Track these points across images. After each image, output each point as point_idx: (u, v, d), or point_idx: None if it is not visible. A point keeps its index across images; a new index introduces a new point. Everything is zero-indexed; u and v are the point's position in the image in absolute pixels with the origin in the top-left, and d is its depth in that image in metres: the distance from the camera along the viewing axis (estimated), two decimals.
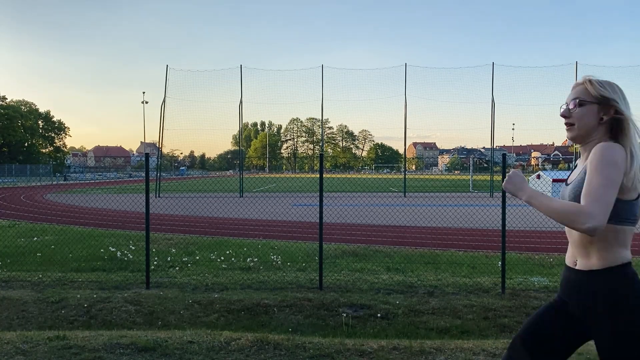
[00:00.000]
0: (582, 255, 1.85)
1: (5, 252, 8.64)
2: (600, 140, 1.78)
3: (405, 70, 30.83)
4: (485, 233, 11.22)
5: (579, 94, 1.83)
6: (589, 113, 1.80)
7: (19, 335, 4.18)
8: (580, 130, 1.83)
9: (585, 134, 1.83)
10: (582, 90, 1.84)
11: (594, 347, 1.86)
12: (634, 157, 1.71)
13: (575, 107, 1.83)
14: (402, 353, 3.81)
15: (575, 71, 29.63)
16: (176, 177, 68.22)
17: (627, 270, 1.75)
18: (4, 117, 61.03)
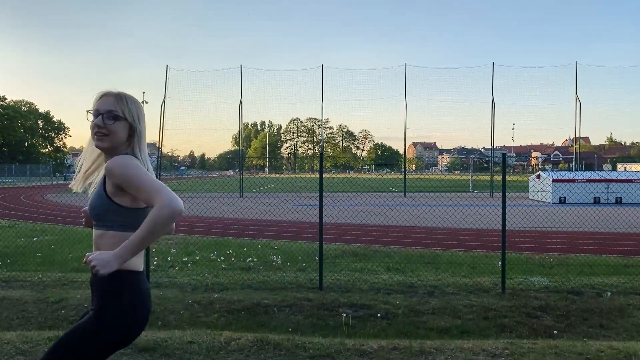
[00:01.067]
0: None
1: (5, 252, 8.64)
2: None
3: (405, 70, 30.88)
4: (485, 233, 11.22)
5: (116, 108, 1.92)
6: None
7: (19, 335, 4.18)
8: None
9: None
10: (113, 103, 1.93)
11: (593, 348, 1.86)
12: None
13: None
14: (402, 353, 3.81)
15: (575, 71, 29.65)
16: (176, 177, 68.23)
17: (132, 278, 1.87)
18: (4, 117, 61.06)
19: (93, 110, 1.91)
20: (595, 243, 10.01)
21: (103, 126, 1.87)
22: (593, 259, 8.18)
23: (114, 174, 1.80)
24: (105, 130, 1.88)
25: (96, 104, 1.91)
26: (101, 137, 1.88)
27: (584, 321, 5.11)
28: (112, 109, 1.89)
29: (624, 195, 21.93)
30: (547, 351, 3.80)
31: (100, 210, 1.86)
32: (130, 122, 1.92)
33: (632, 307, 5.41)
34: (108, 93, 1.93)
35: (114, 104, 1.90)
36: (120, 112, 1.90)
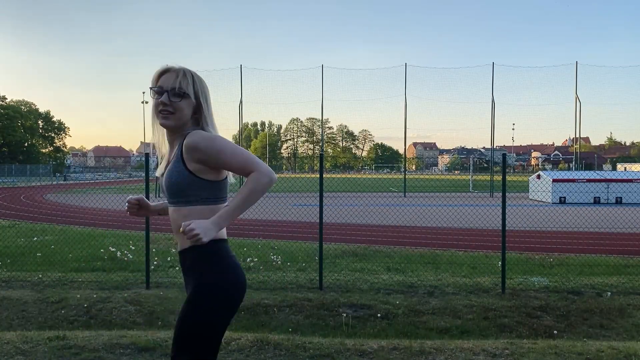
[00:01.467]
0: (182, 237, 1.86)
1: (5, 252, 8.63)
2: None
3: (405, 70, 30.89)
4: (485, 233, 11.22)
5: (180, 85, 1.85)
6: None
7: (19, 335, 4.18)
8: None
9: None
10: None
11: (593, 348, 1.86)
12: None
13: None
14: (402, 353, 3.81)
15: (575, 71, 29.66)
16: None
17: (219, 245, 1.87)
18: (4, 117, 61.03)
19: (155, 87, 1.84)
20: (595, 243, 10.01)
21: (169, 104, 1.81)
22: (593, 259, 8.17)
23: (199, 149, 1.77)
24: (171, 108, 1.81)
25: (159, 81, 1.84)
26: (167, 115, 1.82)
27: (584, 321, 5.11)
28: (178, 86, 1.81)
29: (624, 195, 21.92)
30: (547, 351, 3.80)
31: (183, 186, 1.81)
32: (196, 98, 1.86)
33: (632, 307, 5.41)
34: (170, 69, 1.85)
35: (178, 80, 1.82)
36: (185, 88, 1.82)
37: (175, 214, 1.86)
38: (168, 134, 1.91)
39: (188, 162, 1.80)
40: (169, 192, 1.85)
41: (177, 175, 1.81)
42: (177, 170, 1.81)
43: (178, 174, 1.81)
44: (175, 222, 1.87)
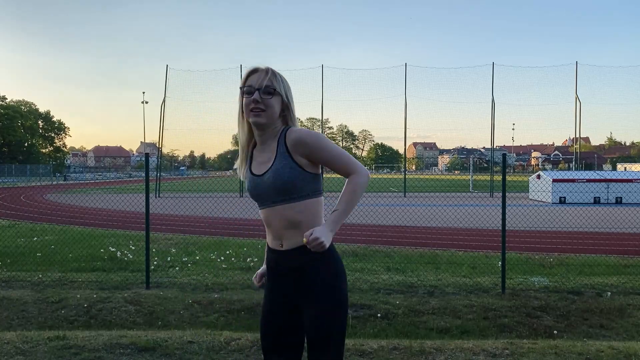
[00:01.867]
0: (293, 235, 1.88)
1: (5, 252, 8.63)
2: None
3: (405, 70, 30.87)
4: (485, 233, 11.22)
5: (269, 83, 1.88)
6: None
7: (19, 335, 4.18)
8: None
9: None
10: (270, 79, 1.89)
11: (593, 348, 1.85)
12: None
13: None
14: (402, 353, 3.81)
15: (575, 71, 29.65)
16: (176, 177, 68.21)
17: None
18: (4, 117, 61.03)
19: (245, 87, 1.88)
20: (595, 243, 10.01)
21: (260, 101, 1.84)
22: (593, 259, 8.17)
23: (307, 143, 1.82)
24: (263, 105, 1.85)
25: (248, 80, 1.88)
26: (258, 113, 1.85)
27: (584, 321, 5.11)
28: (268, 84, 1.86)
29: (624, 195, 21.92)
30: (547, 351, 3.80)
31: (297, 182, 1.83)
32: (283, 97, 1.90)
33: (632, 307, 5.41)
34: (258, 69, 1.90)
35: (268, 79, 1.86)
36: (274, 86, 1.87)
37: (286, 211, 1.84)
38: (257, 133, 1.92)
39: (295, 157, 1.84)
40: (280, 190, 1.84)
41: (289, 171, 1.83)
42: (289, 166, 1.84)
43: (290, 169, 1.83)
44: (284, 219, 1.86)
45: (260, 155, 1.94)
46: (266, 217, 1.91)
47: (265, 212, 1.90)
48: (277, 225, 1.88)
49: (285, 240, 1.88)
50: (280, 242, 1.89)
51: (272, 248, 1.94)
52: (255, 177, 1.91)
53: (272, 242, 1.94)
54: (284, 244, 1.89)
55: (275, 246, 1.91)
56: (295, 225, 1.85)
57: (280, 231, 1.88)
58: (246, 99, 1.87)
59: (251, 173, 1.94)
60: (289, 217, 1.85)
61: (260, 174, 1.89)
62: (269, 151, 1.90)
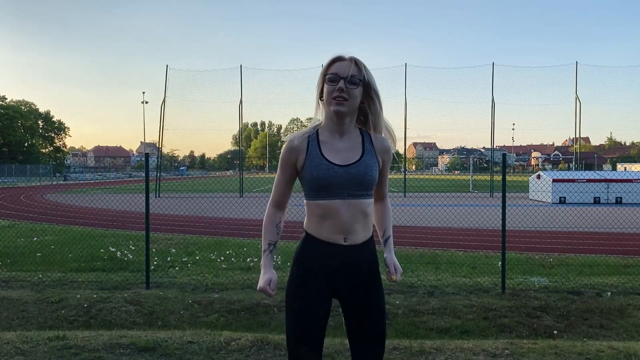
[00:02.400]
0: (359, 231, 1.94)
1: (5, 252, 8.63)
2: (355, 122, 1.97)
3: (405, 70, 30.89)
4: (485, 233, 11.22)
5: (356, 72, 1.86)
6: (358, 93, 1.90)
7: (19, 335, 4.18)
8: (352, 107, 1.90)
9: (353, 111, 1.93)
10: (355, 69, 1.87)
11: (593, 348, 1.85)
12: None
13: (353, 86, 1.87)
14: (402, 353, 3.81)
15: (575, 71, 29.65)
16: (176, 177, 68.21)
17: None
18: (4, 117, 61.04)
19: (329, 74, 1.85)
20: (595, 243, 10.01)
21: (345, 90, 1.83)
22: (593, 259, 8.17)
23: (390, 154, 2.00)
24: (347, 94, 1.83)
25: (332, 68, 1.86)
26: (342, 102, 1.84)
27: (584, 321, 5.11)
28: (354, 74, 1.84)
29: (624, 195, 21.92)
30: (547, 351, 3.80)
31: (375, 180, 1.92)
32: (373, 86, 1.90)
33: (632, 307, 5.41)
34: (342, 57, 1.88)
35: (353, 68, 1.85)
36: (360, 77, 1.85)
37: (362, 205, 1.88)
38: (336, 121, 1.89)
39: (379, 159, 1.95)
40: (365, 184, 1.87)
41: (375, 169, 1.92)
42: (375, 164, 1.92)
43: (375, 168, 1.92)
44: (358, 213, 1.87)
45: (336, 145, 1.90)
46: (335, 208, 1.84)
47: (338, 203, 1.84)
48: (347, 218, 1.85)
49: (350, 235, 1.88)
50: (343, 237, 1.87)
51: (328, 242, 1.88)
52: (337, 166, 1.85)
53: (330, 236, 1.87)
54: (347, 238, 1.87)
55: (336, 240, 1.87)
56: (365, 220, 1.90)
57: (347, 225, 1.86)
58: (329, 86, 1.85)
59: (328, 161, 1.86)
60: (362, 211, 1.88)
61: (344, 164, 1.86)
62: (352, 144, 1.91)
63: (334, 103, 1.84)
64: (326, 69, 1.88)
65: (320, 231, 1.88)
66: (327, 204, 1.85)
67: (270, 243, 2.03)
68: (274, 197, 2.02)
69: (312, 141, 1.91)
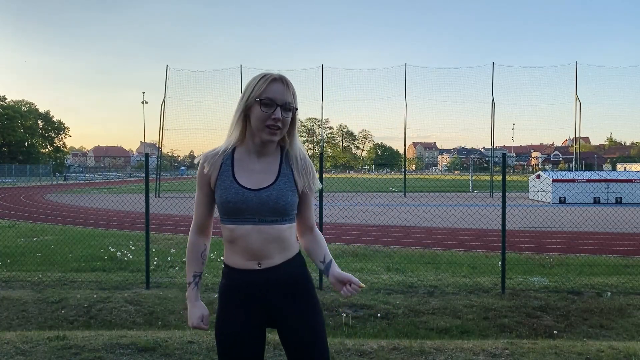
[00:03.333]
0: (274, 254, 1.78)
1: (5, 252, 8.63)
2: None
3: (405, 70, 30.92)
4: (485, 233, 11.22)
5: (291, 100, 1.74)
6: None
7: (19, 335, 4.18)
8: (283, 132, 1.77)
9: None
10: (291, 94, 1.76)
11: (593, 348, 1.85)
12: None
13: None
14: (402, 353, 3.81)
15: (575, 71, 29.66)
16: (176, 177, 68.21)
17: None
18: (4, 117, 61.04)
19: (264, 98, 1.68)
20: (595, 243, 10.01)
21: (281, 119, 1.69)
22: (593, 259, 8.17)
23: (309, 173, 1.80)
24: (281, 123, 1.70)
25: (267, 91, 1.69)
26: (275, 132, 1.70)
27: (584, 321, 5.11)
28: (290, 101, 1.71)
29: (624, 195, 21.92)
30: (547, 351, 3.80)
31: (294, 205, 1.77)
32: (296, 112, 1.76)
33: (632, 307, 5.41)
34: (277, 79, 1.72)
35: (288, 94, 1.71)
36: (295, 104, 1.73)
37: (275, 231, 1.73)
38: (257, 144, 1.75)
39: (297, 181, 1.78)
40: (278, 210, 1.72)
41: (291, 194, 1.75)
42: (291, 189, 1.76)
43: (292, 192, 1.76)
44: (270, 238, 1.73)
45: (251, 166, 1.76)
46: (246, 234, 1.71)
47: (248, 229, 1.70)
48: (258, 244, 1.71)
49: (264, 260, 1.73)
50: (257, 262, 1.73)
51: (242, 269, 1.74)
52: (247, 190, 1.71)
53: (243, 263, 1.73)
54: (262, 263, 1.73)
55: (250, 266, 1.73)
56: (280, 245, 1.74)
57: (259, 251, 1.72)
58: (263, 112, 1.68)
59: (238, 184, 1.72)
60: (277, 237, 1.73)
61: (256, 189, 1.71)
62: (269, 166, 1.76)
63: (267, 132, 1.69)
64: (260, 90, 1.69)
65: (234, 258, 1.75)
66: (236, 228, 1.71)
67: (196, 274, 1.84)
68: (195, 221, 1.84)
69: (226, 160, 1.76)
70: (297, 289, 1.78)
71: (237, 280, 1.75)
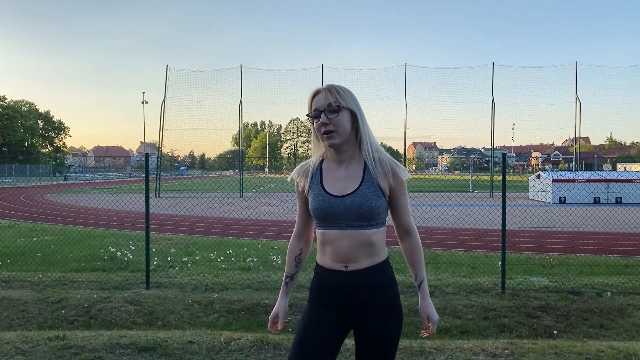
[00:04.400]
0: (361, 259, 1.86)
1: (5, 252, 8.63)
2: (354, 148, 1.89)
3: (405, 70, 30.90)
4: (485, 233, 11.22)
5: (332, 100, 1.83)
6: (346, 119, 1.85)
7: (19, 335, 4.18)
8: (343, 136, 1.84)
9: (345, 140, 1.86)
10: (333, 97, 1.84)
11: (593, 348, 1.86)
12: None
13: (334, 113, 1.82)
14: (402, 353, 3.81)
15: (575, 71, 29.66)
16: (176, 177, 68.22)
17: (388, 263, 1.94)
18: (4, 117, 61.06)
19: (311, 112, 1.84)
20: (595, 243, 10.00)
21: (329, 122, 1.79)
22: (593, 259, 8.17)
23: (397, 175, 1.85)
24: (332, 126, 1.80)
25: (312, 105, 1.85)
26: (331, 135, 1.81)
27: (584, 321, 5.11)
28: (330, 102, 1.81)
29: (624, 195, 21.92)
30: (547, 351, 3.80)
31: (380, 210, 1.83)
32: (350, 108, 1.84)
33: (632, 307, 5.41)
34: (319, 90, 1.86)
35: (329, 97, 1.82)
36: (338, 102, 1.82)
37: (363, 236, 1.81)
38: (335, 152, 1.87)
39: (382, 185, 1.83)
40: (363, 215, 1.80)
41: (376, 198, 1.81)
42: (376, 193, 1.82)
43: (377, 197, 1.82)
44: (357, 243, 1.81)
45: (336, 174, 1.87)
46: (335, 238, 1.82)
47: (335, 233, 1.82)
48: (346, 247, 1.81)
49: (351, 263, 1.82)
50: (344, 265, 1.83)
51: (330, 269, 1.85)
52: (332, 197, 1.82)
53: (331, 264, 1.85)
54: (349, 265, 1.83)
55: (337, 267, 1.84)
56: (367, 249, 1.82)
57: (346, 255, 1.82)
58: (316, 123, 1.83)
59: (325, 191, 1.84)
60: (363, 241, 1.81)
61: (341, 195, 1.82)
62: (353, 173, 1.85)
63: (325, 138, 1.83)
64: (309, 108, 1.86)
65: (324, 259, 1.88)
66: (326, 233, 1.84)
67: (287, 275, 2.04)
68: (296, 227, 2.04)
69: (315, 170, 1.92)
70: (380, 295, 1.84)
71: (325, 279, 1.88)
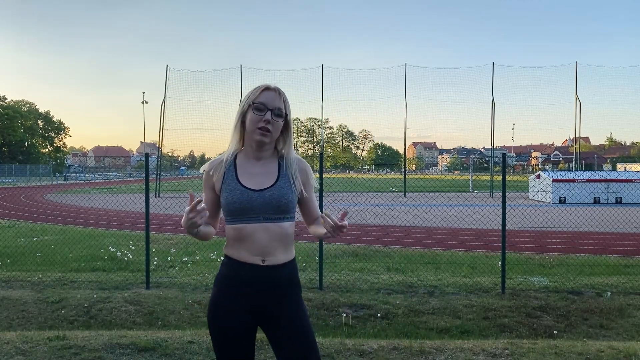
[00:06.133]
0: (278, 253, 1.91)
1: (5, 252, 8.63)
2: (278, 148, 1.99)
3: (405, 70, 30.90)
4: (485, 233, 11.22)
5: (281, 105, 1.90)
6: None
7: (19, 335, 4.18)
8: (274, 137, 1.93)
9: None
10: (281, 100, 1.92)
11: (593, 348, 1.85)
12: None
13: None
14: (402, 353, 3.81)
15: (575, 71, 29.65)
16: (176, 177, 68.19)
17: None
18: (4, 117, 61.02)
19: (257, 103, 1.87)
20: (595, 243, 10.01)
21: (271, 122, 1.86)
22: (593, 259, 8.17)
23: (307, 173, 1.98)
24: (271, 126, 1.87)
25: (260, 97, 1.88)
26: (265, 133, 1.87)
27: (584, 321, 5.11)
28: (281, 107, 1.88)
29: (624, 195, 21.92)
30: (547, 351, 3.80)
31: (294, 204, 1.93)
32: (289, 119, 1.94)
33: (632, 307, 5.41)
34: (270, 87, 1.90)
35: (279, 101, 1.89)
36: (286, 111, 1.91)
37: (278, 228, 1.87)
38: (255, 149, 1.93)
39: (297, 182, 1.94)
40: (280, 208, 1.87)
41: (291, 192, 1.91)
42: (291, 188, 1.92)
43: (292, 192, 1.91)
44: (274, 236, 1.87)
45: (252, 170, 1.93)
46: (253, 231, 1.85)
47: (253, 227, 1.85)
48: (264, 240, 1.85)
49: (268, 257, 1.86)
50: (261, 259, 1.86)
51: (245, 263, 1.87)
52: (251, 191, 1.87)
53: (247, 257, 1.87)
54: (266, 260, 1.86)
55: (254, 261, 1.86)
56: (283, 243, 1.88)
57: (264, 248, 1.85)
58: (256, 115, 1.86)
59: (242, 186, 1.89)
60: (281, 234, 1.87)
61: (260, 189, 1.87)
62: (268, 169, 1.93)
63: (258, 133, 1.87)
64: (254, 97, 1.88)
65: (239, 253, 1.88)
66: (242, 227, 1.86)
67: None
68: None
69: (229, 166, 1.95)
70: (290, 291, 1.92)
71: (239, 272, 1.88)
